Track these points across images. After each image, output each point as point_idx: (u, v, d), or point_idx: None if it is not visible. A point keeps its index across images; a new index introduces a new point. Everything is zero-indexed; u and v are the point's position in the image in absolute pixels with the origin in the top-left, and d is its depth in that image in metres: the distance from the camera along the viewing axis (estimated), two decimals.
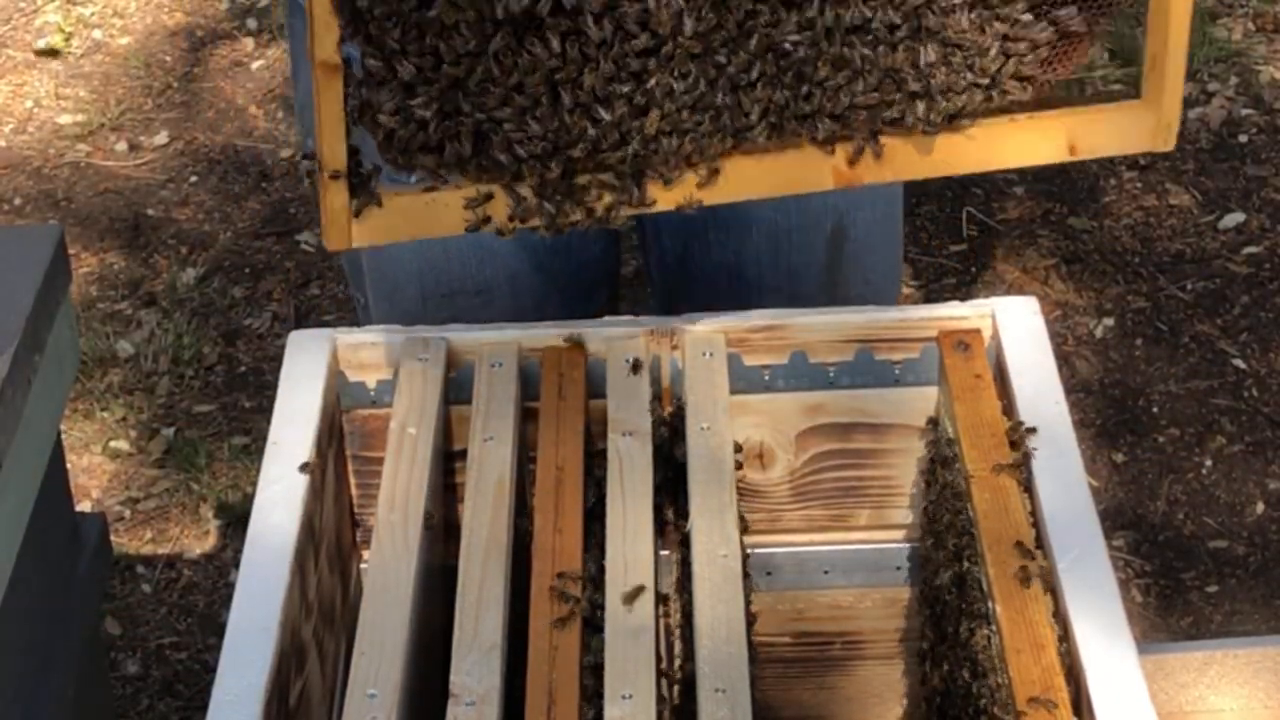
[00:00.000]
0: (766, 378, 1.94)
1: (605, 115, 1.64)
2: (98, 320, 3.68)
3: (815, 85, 1.68)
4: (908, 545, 2.04)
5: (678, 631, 1.88)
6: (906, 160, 1.70)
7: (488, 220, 1.67)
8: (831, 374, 1.94)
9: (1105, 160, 4.00)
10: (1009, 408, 1.84)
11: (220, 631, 1.65)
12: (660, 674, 1.66)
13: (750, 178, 1.70)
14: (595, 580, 1.70)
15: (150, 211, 3.99)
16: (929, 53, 1.68)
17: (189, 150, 4.19)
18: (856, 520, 2.03)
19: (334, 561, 1.88)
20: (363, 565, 1.97)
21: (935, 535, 1.91)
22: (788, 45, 1.66)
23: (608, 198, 1.69)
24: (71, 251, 2.94)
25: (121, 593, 3.15)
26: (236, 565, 1.77)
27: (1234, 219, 3.84)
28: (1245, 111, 4.10)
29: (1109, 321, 3.62)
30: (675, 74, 1.65)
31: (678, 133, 1.66)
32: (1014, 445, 1.79)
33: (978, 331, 1.91)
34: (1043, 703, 1.54)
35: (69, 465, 2.53)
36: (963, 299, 2.04)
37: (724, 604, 1.65)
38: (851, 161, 1.68)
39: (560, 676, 1.59)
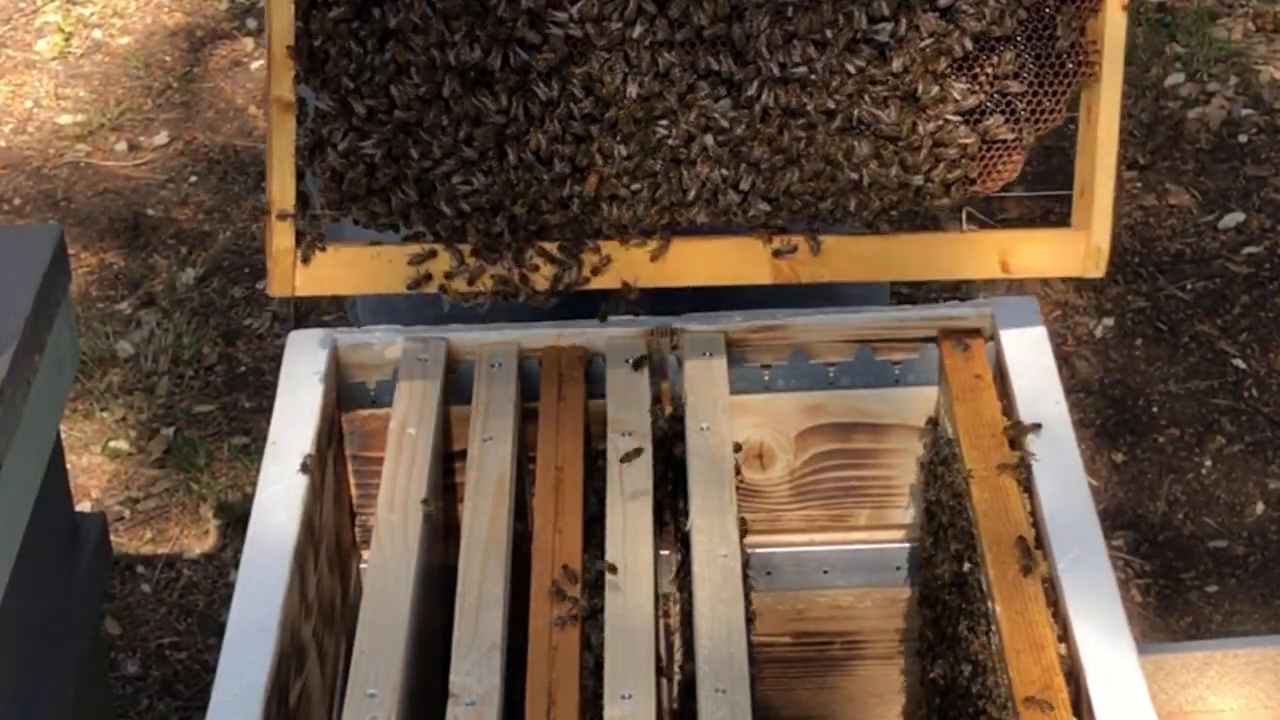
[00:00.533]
0: (766, 378, 1.94)
1: (548, 175, 1.66)
2: (98, 320, 3.68)
3: (751, 165, 1.71)
4: (908, 545, 2.04)
5: (678, 631, 1.88)
6: (844, 261, 1.73)
7: (428, 278, 1.68)
8: (831, 374, 1.94)
9: None
10: (1009, 408, 1.84)
11: (220, 631, 1.65)
12: (660, 674, 1.66)
13: (689, 264, 1.72)
14: (595, 580, 1.70)
15: (150, 211, 3.99)
16: (862, 145, 1.71)
17: (189, 150, 4.19)
18: (856, 520, 2.03)
19: (334, 561, 1.88)
20: (363, 565, 1.97)
21: (935, 535, 1.91)
22: (725, 122, 1.69)
23: (546, 269, 1.70)
24: (71, 251, 2.94)
25: (121, 593, 3.15)
26: (236, 565, 1.77)
27: (1234, 219, 3.84)
28: (1245, 111, 4.10)
29: (1109, 321, 3.62)
30: (617, 138, 1.68)
31: (617, 200, 1.69)
32: (1014, 445, 1.79)
33: (978, 331, 1.91)
34: (1042, 703, 1.54)
35: (69, 465, 2.53)
36: (963, 299, 2.04)
37: (724, 604, 1.65)
38: (790, 256, 1.71)
39: (560, 676, 1.59)
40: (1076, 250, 1.74)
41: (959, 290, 3.55)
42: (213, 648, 3.01)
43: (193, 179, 4.09)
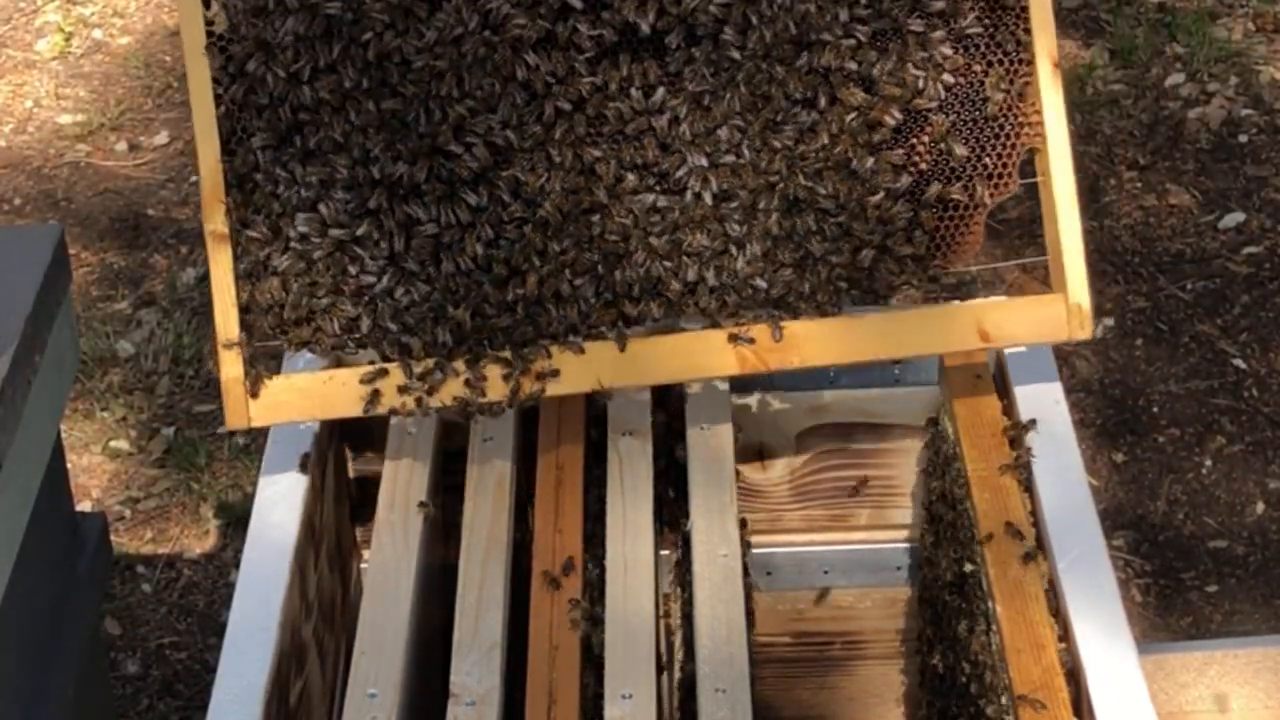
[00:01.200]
0: (767, 378, 1.94)
1: (488, 279, 1.66)
2: (98, 320, 3.68)
3: (693, 254, 1.68)
4: (908, 545, 2.04)
5: (678, 631, 1.88)
6: (812, 345, 1.68)
7: (379, 395, 1.67)
8: (831, 374, 1.94)
9: (1105, 160, 4.00)
10: (1009, 408, 1.84)
11: (220, 631, 1.65)
12: (660, 674, 1.66)
13: (651, 362, 1.68)
14: (595, 581, 1.70)
15: (150, 211, 3.99)
16: (804, 221, 1.69)
17: (189, 150, 4.18)
18: (856, 520, 2.03)
19: (334, 561, 1.88)
20: (363, 565, 1.97)
21: (935, 535, 1.91)
22: (657, 213, 1.67)
23: (499, 379, 1.67)
24: (71, 251, 2.94)
25: (121, 593, 3.15)
26: (236, 565, 1.77)
27: (1234, 219, 3.84)
28: (1245, 111, 4.10)
29: (1109, 321, 3.62)
30: (550, 235, 1.67)
31: (561, 299, 1.67)
32: (1014, 445, 1.79)
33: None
34: (1042, 703, 1.54)
35: (69, 465, 2.53)
36: (963, 299, 2.04)
37: (724, 604, 1.65)
38: (752, 345, 1.68)
39: (560, 676, 1.59)
40: (1058, 314, 1.70)
41: (959, 291, 3.55)
42: (213, 648, 3.00)
43: (193, 179, 4.08)
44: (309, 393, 1.67)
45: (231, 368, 1.66)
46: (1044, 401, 1.82)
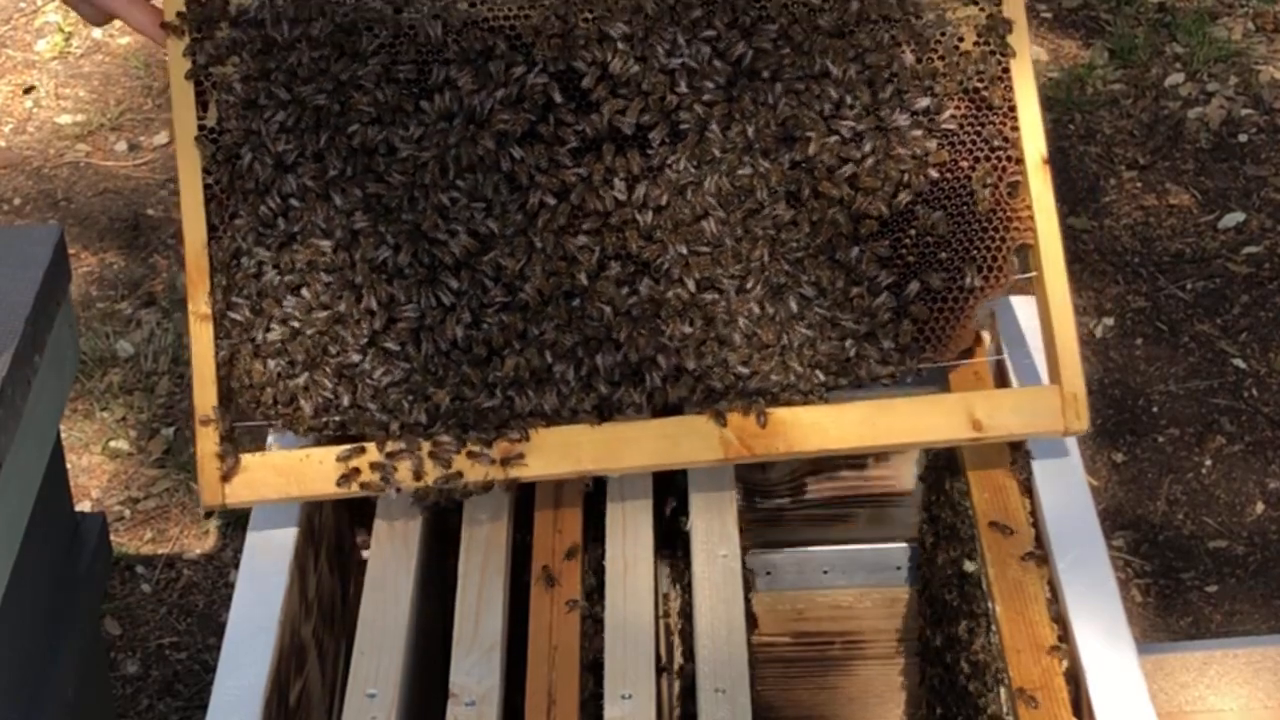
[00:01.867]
0: None
1: (467, 359, 1.66)
2: (98, 320, 3.68)
3: (673, 342, 1.67)
4: (908, 545, 2.03)
5: (678, 631, 1.88)
6: (799, 433, 1.66)
7: (357, 473, 1.67)
8: None
9: (1105, 160, 4.00)
10: None
11: (220, 631, 1.65)
12: (660, 674, 1.66)
13: (634, 446, 1.66)
14: (595, 581, 1.70)
15: (150, 211, 3.99)
16: (786, 307, 1.68)
17: None
18: (856, 520, 2.03)
19: (334, 561, 1.88)
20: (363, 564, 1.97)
21: (935, 535, 1.91)
22: (637, 300, 1.67)
23: (477, 462, 1.66)
24: (71, 251, 2.94)
25: (121, 593, 3.15)
26: (236, 565, 1.77)
27: (1234, 219, 3.84)
28: (1245, 111, 4.10)
29: (1109, 321, 3.62)
30: (530, 319, 1.67)
31: (540, 382, 1.66)
32: (1014, 445, 1.79)
33: (978, 331, 1.91)
34: (1041, 703, 1.54)
35: (69, 465, 2.53)
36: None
37: (724, 604, 1.65)
38: (738, 431, 1.66)
39: (560, 676, 1.59)
40: (1053, 404, 1.68)
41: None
42: (213, 648, 3.01)
43: None
44: (285, 470, 1.67)
45: (207, 443, 1.66)
46: None
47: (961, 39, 1.71)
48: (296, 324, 1.66)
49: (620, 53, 1.66)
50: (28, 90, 4.36)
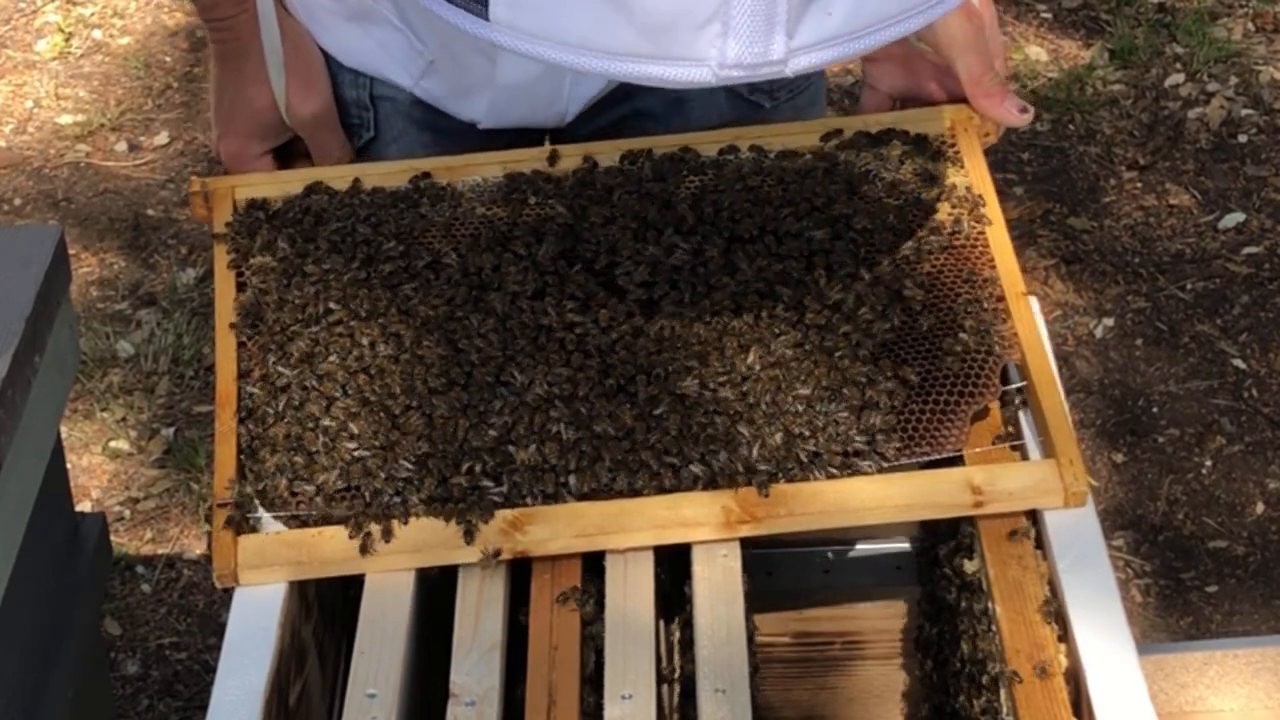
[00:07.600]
0: None
1: (479, 446, 1.69)
2: (98, 320, 3.68)
3: (692, 430, 1.70)
4: (908, 545, 2.03)
5: (678, 632, 1.88)
6: (798, 503, 1.68)
7: (370, 545, 1.68)
8: None
9: (1105, 160, 4.00)
10: None
11: (220, 631, 1.65)
12: (660, 674, 1.66)
13: (635, 517, 1.67)
14: (595, 581, 1.70)
15: (150, 211, 4.00)
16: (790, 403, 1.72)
17: (189, 150, 4.19)
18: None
19: None
20: None
21: (935, 535, 1.91)
22: (628, 419, 1.70)
23: (494, 538, 1.68)
24: (71, 251, 2.94)
25: (121, 593, 3.15)
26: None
27: (1234, 219, 3.84)
28: (1245, 111, 4.11)
29: (1109, 321, 3.63)
30: (534, 412, 1.70)
31: (541, 472, 1.68)
32: (1014, 446, 1.78)
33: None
34: (1041, 703, 1.54)
35: (69, 465, 2.53)
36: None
37: (724, 604, 1.65)
38: (738, 502, 1.68)
39: (560, 676, 1.59)
40: (1053, 480, 1.68)
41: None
42: (213, 648, 3.01)
43: (193, 179, 4.09)
44: (301, 548, 1.68)
45: (225, 527, 1.70)
46: None
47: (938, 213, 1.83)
48: (323, 439, 1.73)
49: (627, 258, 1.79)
50: (28, 90, 4.37)
